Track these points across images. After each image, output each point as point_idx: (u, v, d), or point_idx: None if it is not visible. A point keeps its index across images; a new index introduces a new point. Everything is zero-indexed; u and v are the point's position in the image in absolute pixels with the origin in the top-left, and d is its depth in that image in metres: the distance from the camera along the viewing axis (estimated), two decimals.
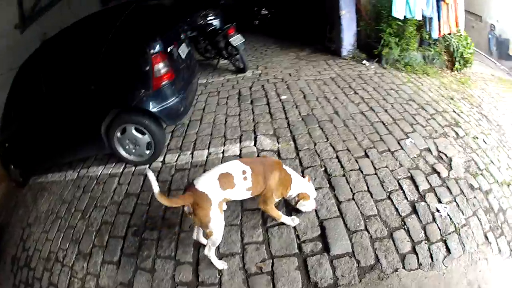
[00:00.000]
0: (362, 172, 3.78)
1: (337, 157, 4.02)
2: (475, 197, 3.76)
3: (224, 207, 2.94)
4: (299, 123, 4.80)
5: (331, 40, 7.91)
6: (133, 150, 4.40)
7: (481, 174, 4.16)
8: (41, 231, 4.20)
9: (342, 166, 3.86)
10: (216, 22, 7.95)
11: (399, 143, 4.34)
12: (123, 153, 4.43)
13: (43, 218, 4.41)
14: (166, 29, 4.80)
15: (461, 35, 7.74)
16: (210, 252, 2.79)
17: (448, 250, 3.05)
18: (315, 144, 4.28)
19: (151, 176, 2.46)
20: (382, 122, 4.80)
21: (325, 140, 4.36)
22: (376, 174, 3.77)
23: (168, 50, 4.39)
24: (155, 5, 5.53)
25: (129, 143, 4.36)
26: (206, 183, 2.63)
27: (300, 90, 5.85)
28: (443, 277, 2.86)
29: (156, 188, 2.44)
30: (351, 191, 3.51)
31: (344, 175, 3.73)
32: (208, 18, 7.98)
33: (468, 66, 7.88)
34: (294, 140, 4.41)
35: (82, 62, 4.24)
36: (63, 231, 3.96)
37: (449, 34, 7.49)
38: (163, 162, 4.43)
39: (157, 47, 4.12)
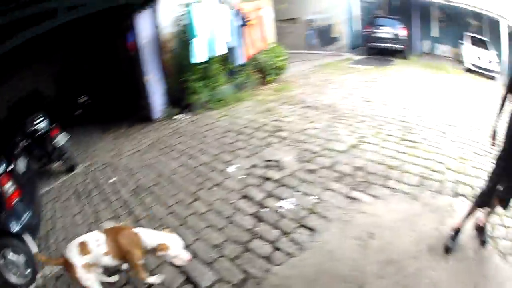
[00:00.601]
0: (198, 213, 4.40)
1: (172, 212, 4.58)
2: (319, 176, 4.65)
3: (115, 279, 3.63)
4: (131, 197, 5.30)
5: (143, 107, 8.62)
6: (18, 273, 4.47)
7: (319, 155, 5.15)
8: None
9: (179, 217, 4.42)
10: (42, 125, 8.02)
11: (224, 173, 5.13)
12: (12, 278, 4.46)
13: None
14: (5, 146, 5.20)
15: (270, 48, 8.91)
16: None
17: (310, 229, 3.78)
18: (150, 209, 4.78)
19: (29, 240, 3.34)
20: (204, 163, 5.58)
21: (157, 202, 4.90)
22: (211, 209, 4.43)
23: (11, 167, 4.73)
24: None
25: (12, 267, 4.44)
26: (69, 250, 3.30)
27: (125, 167, 6.38)
28: (322, 247, 3.54)
29: (35, 248, 3.31)
30: (194, 233, 4.09)
31: (182, 224, 4.28)
32: (35, 123, 8.05)
33: (282, 73, 9.06)
34: (132, 213, 4.85)
35: None
36: None
37: (257, 53, 8.60)
38: (43, 276, 4.56)
39: (1, 168, 4.46)
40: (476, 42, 14.62)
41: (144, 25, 8.01)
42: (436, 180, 4.73)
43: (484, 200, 3.77)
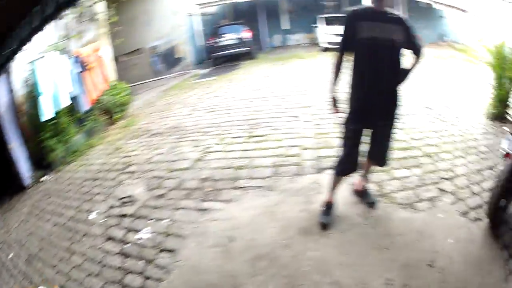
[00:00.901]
0: (77, 266, 5.04)
1: (58, 270, 5.22)
2: (168, 199, 5.44)
3: None
4: (27, 267, 5.77)
5: (15, 177, 8.76)
6: None
7: (166, 179, 6.02)
8: None
9: (64, 274, 5.06)
10: None
11: (88, 222, 5.79)
12: None
13: None
14: None
15: (111, 87, 9.53)
16: None
17: (170, 251, 4.36)
18: (43, 273, 5.37)
19: None
20: (71, 218, 6.19)
21: (46, 265, 5.51)
22: (86, 258, 5.06)
23: None
24: None
25: None
26: None
27: (16, 240, 6.82)
28: (185, 264, 4.06)
29: None
30: (79, 284, 4.59)
31: (68, 279, 4.91)
32: None
33: (127, 108, 9.70)
34: (33, 282, 5.35)
35: None
36: None
37: (101, 95, 9.17)
38: None
39: None
40: (333, 21, 16.01)
41: (0, 92, 8.10)
42: (292, 164, 5.29)
43: (345, 167, 3.83)
